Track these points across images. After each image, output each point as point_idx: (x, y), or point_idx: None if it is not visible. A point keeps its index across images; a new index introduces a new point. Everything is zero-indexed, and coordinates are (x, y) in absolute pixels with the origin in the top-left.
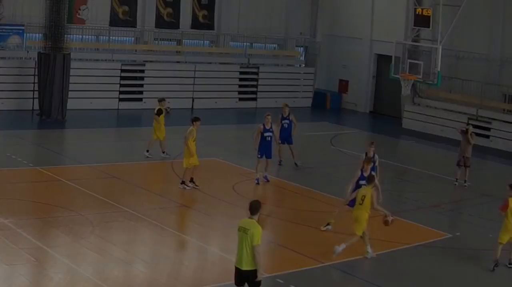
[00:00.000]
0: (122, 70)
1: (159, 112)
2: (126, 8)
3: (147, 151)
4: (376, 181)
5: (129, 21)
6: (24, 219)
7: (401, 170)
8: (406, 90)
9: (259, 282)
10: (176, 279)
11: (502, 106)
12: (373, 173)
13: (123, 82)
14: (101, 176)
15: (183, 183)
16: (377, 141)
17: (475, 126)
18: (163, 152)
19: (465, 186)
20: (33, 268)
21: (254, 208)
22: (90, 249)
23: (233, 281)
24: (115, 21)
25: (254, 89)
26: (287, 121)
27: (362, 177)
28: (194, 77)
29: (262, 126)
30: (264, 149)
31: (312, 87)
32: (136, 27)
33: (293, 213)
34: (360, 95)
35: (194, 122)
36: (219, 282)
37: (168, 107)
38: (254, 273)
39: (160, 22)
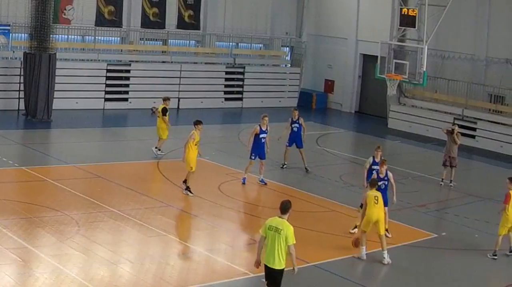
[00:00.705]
0: (108, 70)
1: (164, 111)
2: (112, 8)
3: (159, 150)
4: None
5: (115, 21)
6: (9, 219)
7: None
8: (391, 90)
9: (280, 280)
10: (162, 279)
11: (487, 106)
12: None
13: (108, 82)
14: (86, 176)
15: (187, 188)
16: (363, 141)
17: (460, 126)
18: (159, 149)
19: (451, 186)
20: (18, 268)
21: (285, 207)
22: (76, 249)
23: (218, 281)
24: (100, 21)
25: (240, 89)
26: (297, 125)
27: (374, 163)
28: (180, 77)
29: (258, 128)
30: (257, 150)
31: (298, 87)
32: (122, 27)
33: (277, 213)
34: (345, 95)
35: (196, 125)
36: (205, 282)
37: (154, 107)
38: (281, 272)
39: (146, 22)
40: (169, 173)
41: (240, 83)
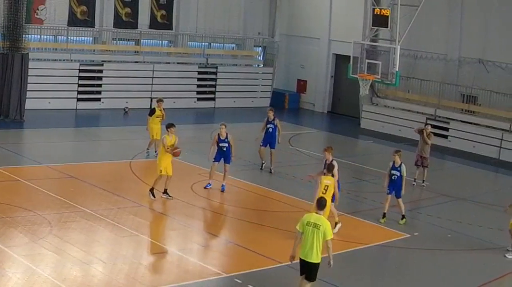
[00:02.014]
0: (81, 70)
1: (151, 112)
2: (84, 8)
3: (155, 151)
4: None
5: (88, 21)
6: None
7: (359, 170)
8: (364, 90)
9: (316, 272)
10: (134, 279)
11: (460, 106)
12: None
13: (81, 82)
14: (59, 176)
15: (164, 191)
16: (335, 141)
17: (433, 126)
18: (155, 151)
19: (424, 186)
20: None
21: (322, 204)
22: (48, 249)
23: (191, 281)
24: (73, 21)
25: (213, 89)
26: (272, 125)
27: (394, 168)
28: (153, 77)
29: (217, 137)
30: (220, 155)
31: (270, 87)
32: (94, 27)
33: (251, 213)
34: (318, 95)
35: (168, 129)
36: (177, 282)
37: (126, 107)
38: (318, 265)
39: (119, 22)
40: (141, 173)
41: (213, 83)
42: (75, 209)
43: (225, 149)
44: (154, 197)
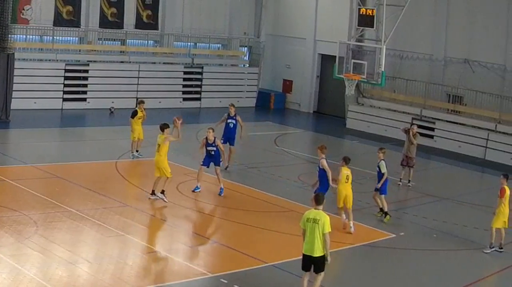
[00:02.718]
0: (66, 70)
1: (134, 114)
2: (70, 8)
3: (137, 151)
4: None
5: (73, 21)
6: None
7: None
8: (350, 90)
9: (324, 265)
10: (120, 279)
11: (446, 106)
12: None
13: (67, 82)
14: (45, 176)
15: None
16: (321, 141)
17: (419, 127)
18: (137, 151)
19: (409, 186)
20: None
21: (320, 199)
22: (34, 249)
23: (177, 281)
24: (59, 21)
25: (198, 89)
26: (233, 121)
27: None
28: (138, 77)
29: (205, 140)
30: (209, 159)
31: (256, 87)
32: (80, 27)
33: (236, 213)
34: (304, 95)
35: (163, 130)
36: (163, 282)
37: (112, 107)
38: (322, 258)
39: (104, 22)
40: (127, 173)
41: (199, 83)
42: (61, 209)
43: (213, 153)
44: (166, 200)
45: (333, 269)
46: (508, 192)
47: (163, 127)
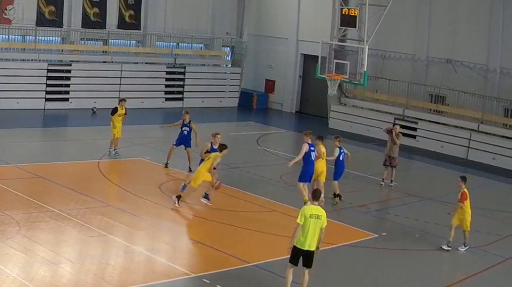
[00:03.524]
0: (49, 70)
1: (113, 111)
2: (52, 8)
3: (114, 150)
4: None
5: (56, 21)
6: None
7: (327, 170)
8: (332, 90)
9: (313, 258)
10: (102, 279)
11: (428, 106)
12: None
13: (49, 82)
14: (27, 176)
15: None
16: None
17: (401, 127)
18: (114, 149)
19: (392, 186)
20: None
21: (318, 195)
22: (16, 249)
23: (159, 281)
24: (41, 21)
25: (181, 89)
26: (187, 128)
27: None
28: (121, 77)
29: (210, 145)
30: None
31: (238, 87)
32: (62, 27)
33: (219, 213)
34: (286, 95)
35: (221, 151)
36: (145, 282)
37: (94, 107)
38: (314, 252)
39: (87, 22)
40: (109, 173)
41: (181, 83)
42: (43, 209)
43: (186, 133)
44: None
45: (315, 269)
46: (468, 195)
47: (223, 148)
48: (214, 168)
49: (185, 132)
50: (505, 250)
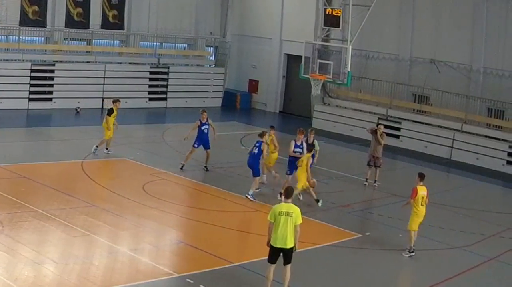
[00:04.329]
0: (32, 70)
1: (110, 112)
2: (36, 8)
3: (106, 148)
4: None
5: (39, 21)
6: None
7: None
8: (316, 90)
9: (292, 254)
10: (86, 279)
11: (411, 106)
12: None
13: (33, 82)
14: (11, 176)
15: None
16: (287, 141)
17: (385, 127)
18: (106, 148)
19: (375, 186)
20: None
21: (290, 193)
22: (0, 249)
23: (143, 281)
24: (25, 21)
25: (164, 89)
26: (206, 127)
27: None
28: (104, 77)
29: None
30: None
31: (222, 87)
32: (46, 27)
33: (203, 213)
34: (270, 95)
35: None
36: (129, 282)
37: (78, 107)
38: (292, 249)
39: (70, 22)
40: (93, 173)
41: (164, 83)
42: (27, 209)
43: (206, 131)
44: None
45: (298, 269)
46: (421, 192)
47: (311, 148)
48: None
49: (205, 131)
50: (488, 250)
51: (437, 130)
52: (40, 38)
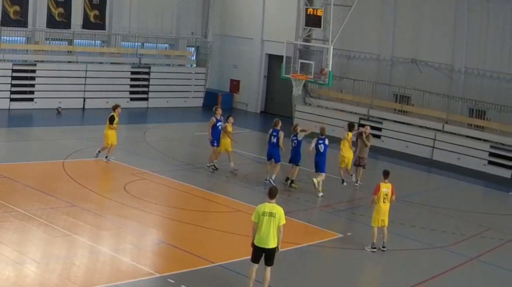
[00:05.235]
0: (13, 70)
1: (111, 120)
2: (17, 8)
3: (106, 157)
4: None
5: (20, 21)
6: None
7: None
8: (297, 90)
9: (274, 255)
10: (67, 279)
11: (393, 106)
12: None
13: (14, 82)
14: None
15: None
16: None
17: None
18: (106, 157)
19: (357, 185)
20: None
21: (274, 193)
22: None
23: (124, 281)
24: (6, 21)
25: (146, 89)
26: (221, 123)
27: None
28: (86, 77)
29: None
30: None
31: (203, 87)
32: (27, 27)
33: (184, 213)
34: (251, 95)
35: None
36: (110, 282)
37: (59, 107)
38: (275, 249)
39: (52, 22)
40: (74, 173)
41: (146, 83)
42: (8, 209)
43: (220, 128)
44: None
45: (280, 269)
46: (384, 189)
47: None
48: None
49: (220, 127)
50: (470, 250)
51: (419, 130)
52: (21, 38)
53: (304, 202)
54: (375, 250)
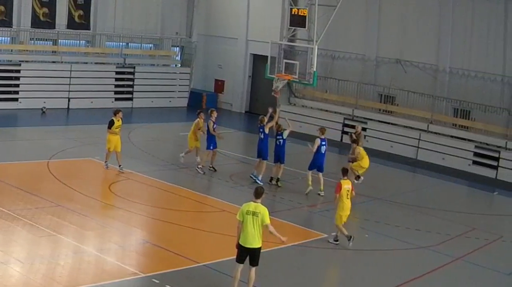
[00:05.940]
0: None
1: (110, 124)
2: (2, 8)
3: (119, 165)
4: None
5: (5, 21)
6: None
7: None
8: (276, 86)
9: (259, 256)
10: (52, 279)
11: (377, 106)
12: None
13: None
14: None
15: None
16: (253, 141)
17: (351, 127)
18: (119, 165)
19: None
20: None
21: (259, 193)
22: None
23: (109, 281)
24: None
25: (130, 89)
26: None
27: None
28: (70, 77)
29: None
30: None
31: (188, 87)
32: (12, 27)
33: (169, 213)
34: (236, 95)
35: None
36: (95, 282)
37: (44, 107)
38: (259, 249)
39: (36, 22)
40: (59, 173)
41: (130, 83)
42: None
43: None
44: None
45: (263, 269)
46: (346, 186)
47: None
48: None
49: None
50: (454, 250)
51: (403, 130)
52: (5, 38)
53: (288, 201)
54: (338, 243)
